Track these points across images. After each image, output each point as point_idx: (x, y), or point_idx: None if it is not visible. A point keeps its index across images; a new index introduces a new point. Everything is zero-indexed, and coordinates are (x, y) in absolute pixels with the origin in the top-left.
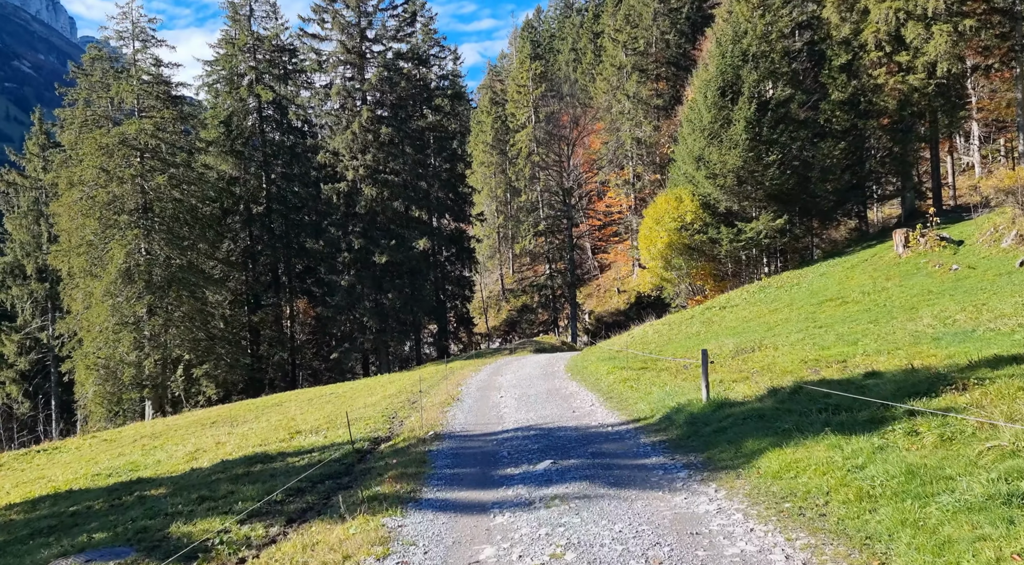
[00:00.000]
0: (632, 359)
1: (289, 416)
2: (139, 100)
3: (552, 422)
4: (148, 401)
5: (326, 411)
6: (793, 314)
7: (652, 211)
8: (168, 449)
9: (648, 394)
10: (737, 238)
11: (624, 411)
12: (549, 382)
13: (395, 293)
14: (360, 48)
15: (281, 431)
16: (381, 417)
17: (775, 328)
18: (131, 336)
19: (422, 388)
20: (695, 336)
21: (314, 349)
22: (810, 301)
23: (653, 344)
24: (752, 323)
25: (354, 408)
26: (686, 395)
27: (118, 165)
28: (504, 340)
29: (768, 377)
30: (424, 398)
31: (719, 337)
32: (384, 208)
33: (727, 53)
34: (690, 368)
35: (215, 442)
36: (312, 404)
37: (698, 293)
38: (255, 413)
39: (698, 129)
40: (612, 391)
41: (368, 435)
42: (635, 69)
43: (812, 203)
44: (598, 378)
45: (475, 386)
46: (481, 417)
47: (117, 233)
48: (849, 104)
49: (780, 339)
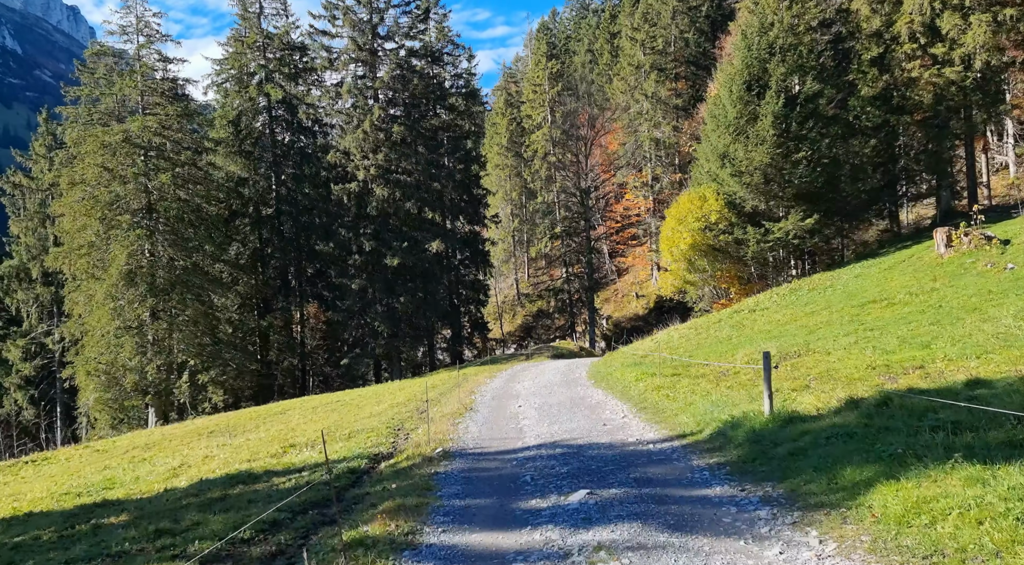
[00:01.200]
0: (661, 365)
1: (290, 426)
2: (143, 97)
3: (581, 437)
4: (151, 408)
5: (330, 420)
6: (834, 317)
7: (674, 211)
8: (156, 462)
9: (690, 404)
10: (764, 238)
11: (664, 424)
12: (571, 390)
13: (407, 297)
14: (372, 45)
15: (275, 444)
16: (385, 429)
17: (816, 331)
18: (133, 341)
19: (433, 396)
20: (726, 340)
21: (326, 355)
22: (849, 303)
23: (681, 349)
24: (788, 326)
25: (359, 418)
26: (738, 406)
27: (120, 163)
28: (519, 346)
29: (832, 385)
30: (434, 407)
31: (754, 341)
32: (396, 209)
33: (753, 45)
34: (729, 374)
35: (204, 455)
36: (316, 413)
37: (723, 296)
38: (256, 422)
39: (723, 125)
40: (645, 400)
41: (367, 451)
42: (653, 68)
43: (842, 203)
44: (626, 385)
45: (490, 394)
46: (497, 430)
47: (119, 234)
48: (881, 99)
49: (827, 343)
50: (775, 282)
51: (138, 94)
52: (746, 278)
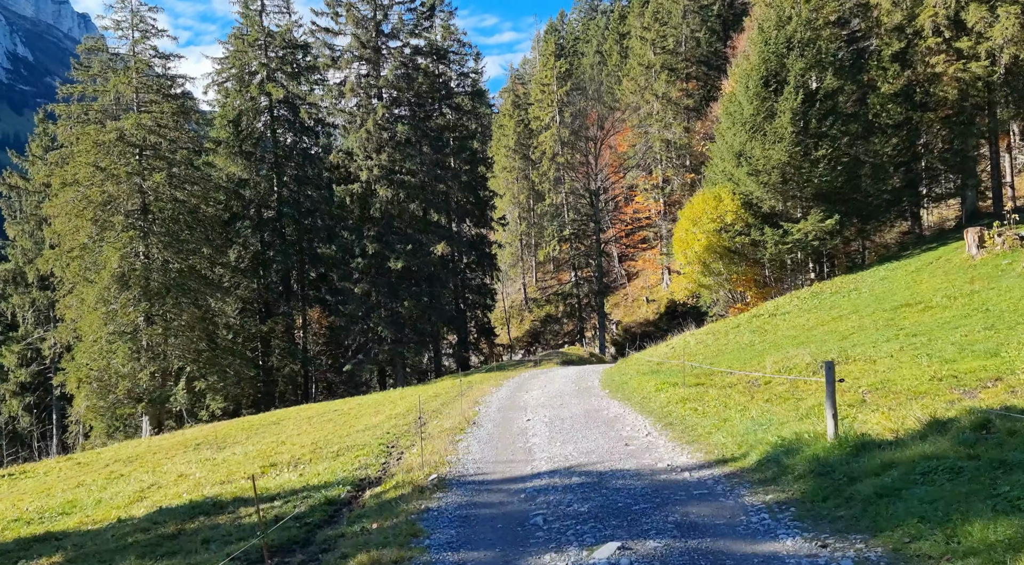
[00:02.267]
0: (682, 373)
1: (280, 439)
2: (138, 94)
3: (601, 461)
4: (146, 417)
5: (323, 433)
6: (865, 321)
7: (688, 212)
8: (131, 479)
9: (725, 421)
10: (783, 240)
11: (697, 446)
12: (585, 400)
13: (411, 301)
14: (376, 43)
15: (257, 462)
16: (377, 445)
17: (849, 337)
18: (126, 346)
19: (435, 406)
20: (748, 346)
21: (329, 361)
22: (880, 307)
23: (700, 356)
24: (815, 332)
25: (353, 430)
26: (786, 425)
27: (114, 163)
28: (527, 351)
29: (896, 399)
30: (434, 420)
31: (780, 347)
32: (400, 211)
33: (770, 40)
34: (761, 385)
35: (179, 474)
36: (311, 423)
37: (739, 300)
38: (248, 433)
39: (738, 122)
40: (670, 415)
41: (353, 474)
42: (664, 68)
43: (863, 203)
44: (646, 396)
45: (496, 405)
46: (503, 450)
47: (112, 235)
48: (902, 96)
49: (866, 349)
50: (793, 285)
51: (133, 91)
52: (762, 281)
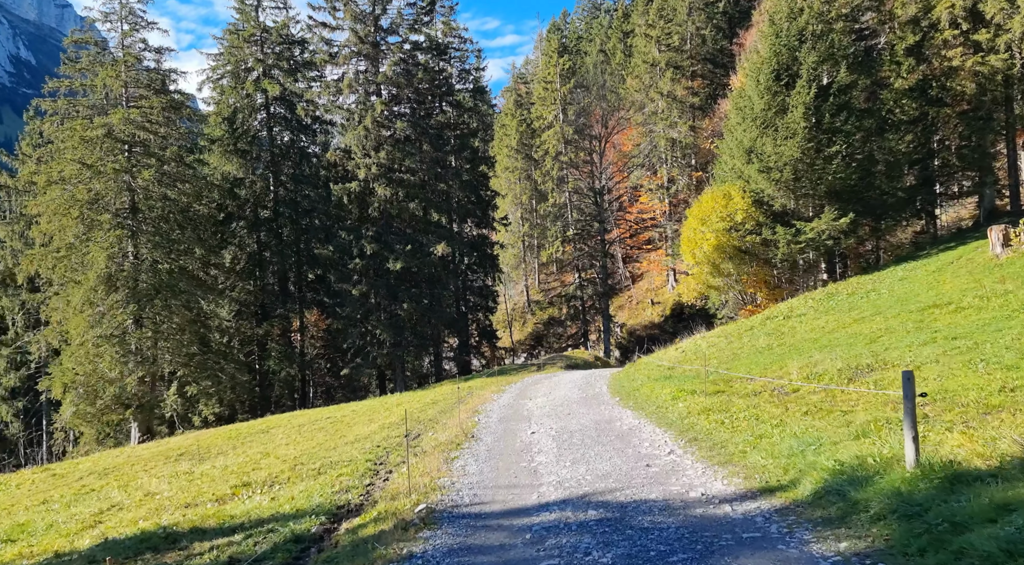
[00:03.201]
0: (697, 379)
1: (265, 450)
2: (127, 88)
3: (620, 487)
4: (135, 423)
5: (310, 444)
6: (892, 323)
7: (696, 210)
8: (101, 496)
9: (761, 438)
10: (795, 239)
11: (731, 468)
12: (594, 409)
13: (411, 303)
14: (374, 38)
15: (232, 479)
16: (364, 462)
17: (878, 340)
18: (113, 349)
19: (432, 414)
20: (766, 350)
21: (328, 364)
22: (905, 308)
23: (714, 360)
24: (836, 335)
25: (342, 442)
26: (843, 446)
27: (100, 159)
28: (530, 355)
29: (961, 414)
30: (430, 431)
31: (801, 352)
32: (400, 211)
33: (782, 32)
34: (790, 393)
35: (145, 493)
36: (301, 432)
37: (749, 302)
38: (234, 442)
39: (749, 118)
40: (692, 428)
41: (331, 499)
42: (669, 66)
43: (877, 201)
44: (662, 405)
45: (497, 414)
46: (504, 471)
47: (99, 235)
48: (917, 91)
49: (902, 354)
50: (805, 287)
51: (121, 85)
52: (773, 282)
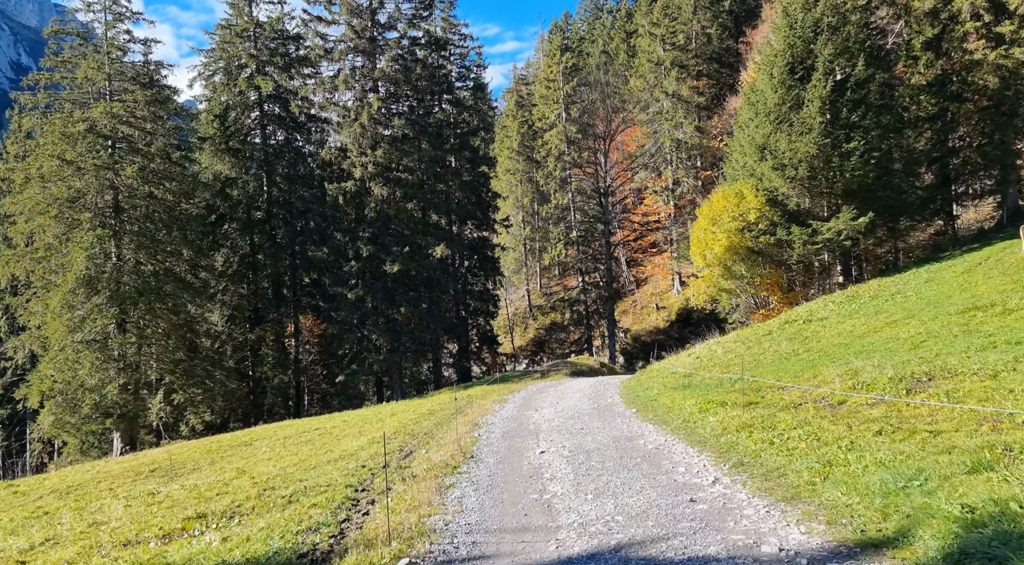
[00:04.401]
0: (722, 388)
1: (241, 467)
2: (110, 81)
3: (664, 536)
4: (116, 433)
5: (291, 461)
6: (933, 327)
7: (706, 210)
8: (53, 521)
9: (832, 464)
10: (812, 240)
11: (803, 506)
12: (609, 423)
13: (409, 307)
14: (371, 33)
15: (188, 508)
16: (344, 487)
17: (921, 345)
18: (93, 356)
19: (427, 427)
20: (791, 356)
21: (324, 371)
22: (941, 311)
23: (734, 366)
24: (870, 340)
25: (325, 459)
26: (963, 485)
27: (80, 154)
28: (532, 361)
29: None
30: (423, 448)
31: (834, 358)
32: (397, 211)
33: (796, 23)
34: (836, 406)
35: (90, 523)
36: (285, 446)
37: (762, 306)
38: (213, 456)
39: (762, 113)
40: (733, 448)
41: (295, 542)
42: (674, 65)
43: (896, 200)
44: (688, 419)
45: (499, 428)
46: (509, 507)
47: (79, 235)
48: (936, 86)
49: (961, 361)
50: (821, 289)
51: (104, 78)
52: (787, 285)
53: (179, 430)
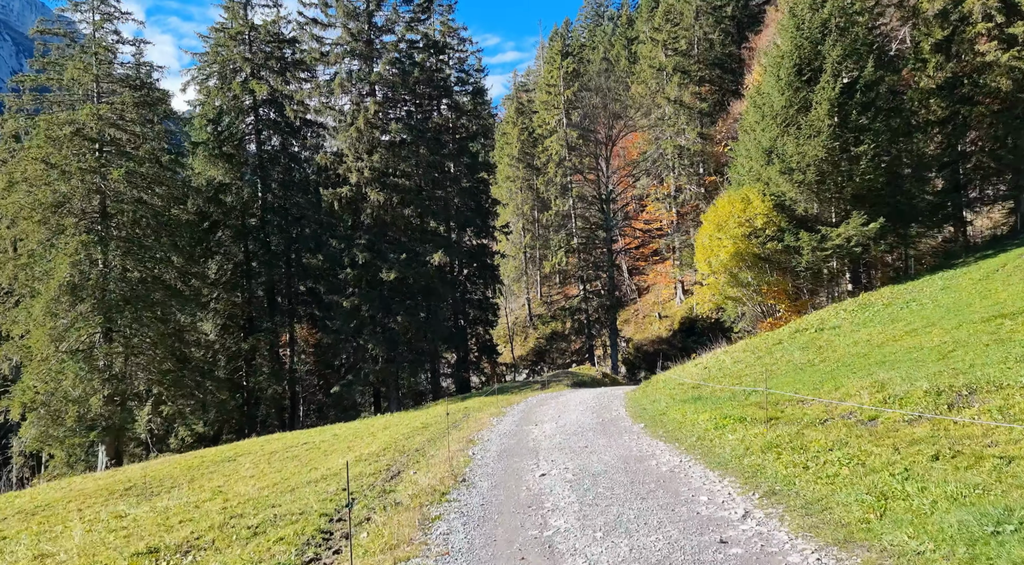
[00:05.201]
0: (735, 401)
1: (219, 486)
2: (98, 82)
3: None
4: (102, 446)
5: (271, 480)
6: (959, 335)
7: (712, 216)
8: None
9: (888, 497)
10: (821, 246)
11: (864, 554)
12: (616, 440)
13: (406, 316)
14: (368, 36)
15: (145, 538)
16: (319, 516)
17: (950, 355)
18: (76, 366)
19: (419, 444)
20: (807, 366)
21: (320, 381)
22: (964, 319)
23: (746, 377)
24: (890, 349)
25: (305, 480)
26: None
27: (65, 158)
28: (532, 371)
29: None
30: (411, 468)
31: (855, 369)
32: (394, 217)
33: (803, 24)
34: (868, 422)
35: (36, 554)
36: (270, 462)
37: (769, 314)
38: (192, 473)
39: (768, 116)
40: (761, 473)
41: None
42: (676, 71)
43: (906, 206)
44: (703, 437)
45: (496, 445)
46: (503, 547)
47: (63, 240)
48: (946, 89)
49: (1003, 372)
50: (830, 297)
51: (91, 79)
52: (795, 293)
53: (169, 443)
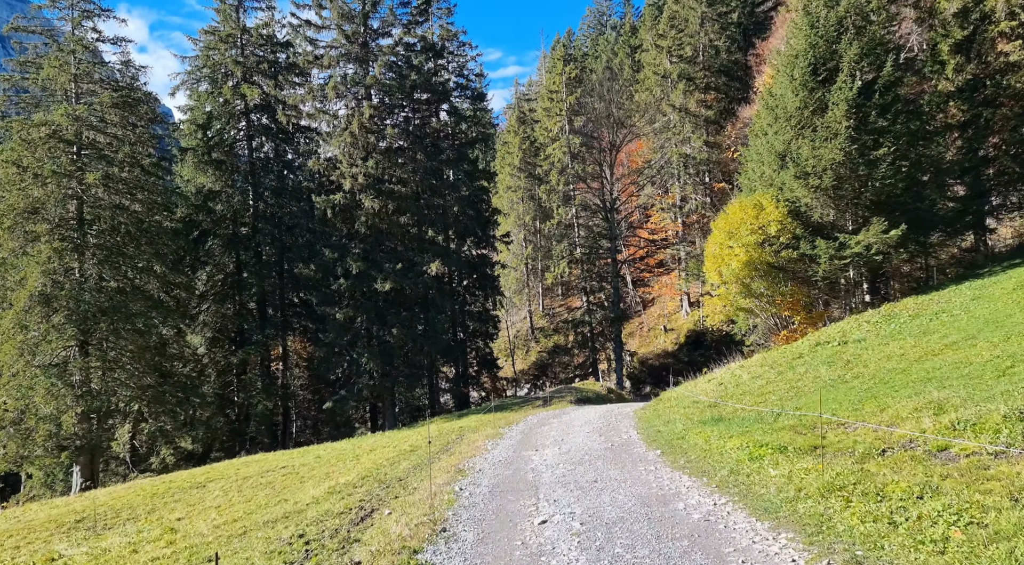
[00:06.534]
0: (763, 423)
1: (173, 521)
2: (76, 82)
3: None
4: (76, 467)
5: (239, 511)
6: (1011, 349)
7: (723, 223)
8: None
9: None
10: (839, 254)
11: None
12: (630, 472)
13: (402, 329)
14: (364, 38)
15: None
16: None
17: (1009, 372)
18: (48, 381)
19: (401, 471)
20: (839, 382)
21: (315, 396)
22: (1010, 331)
23: (770, 395)
24: (931, 364)
25: (271, 516)
26: None
27: (39, 160)
28: (534, 386)
29: None
30: (384, 508)
31: (896, 386)
32: (390, 225)
33: (818, 22)
34: (934, 452)
35: None
36: (241, 489)
37: (784, 326)
38: (154, 502)
39: (782, 118)
40: (827, 527)
41: None
42: (681, 77)
43: (927, 213)
44: (737, 470)
45: (488, 478)
46: None
47: (36, 248)
48: (967, 91)
49: None
50: (848, 308)
51: (68, 78)
52: (810, 304)
53: (151, 463)
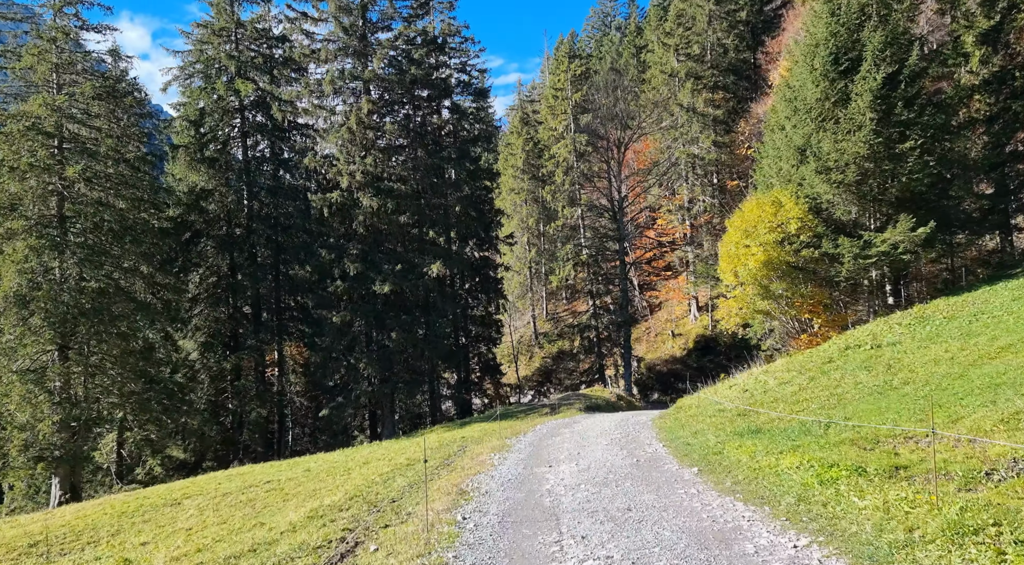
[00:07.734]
0: (812, 436)
1: (141, 541)
2: (57, 72)
3: None
4: (55, 479)
5: (208, 537)
6: None
7: (739, 221)
8: None
9: None
10: (863, 253)
11: None
12: (667, 497)
13: (401, 333)
14: (362, 31)
15: None
16: None
17: None
18: (24, 388)
19: (395, 491)
20: (886, 389)
21: (312, 403)
22: None
23: (807, 403)
24: (988, 369)
25: (234, 552)
26: None
27: (16, 154)
28: (538, 392)
29: None
30: (370, 541)
31: (958, 394)
32: (389, 225)
33: (839, 9)
34: None
35: None
36: (218, 509)
37: (804, 329)
38: (120, 523)
39: (801, 110)
40: None
41: None
42: (689, 76)
43: (954, 211)
44: (806, 498)
45: (496, 502)
46: None
47: (11, 245)
48: (995, 83)
49: None
50: (872, 311)
51: (49, 68)
52: (830, 306)
53: (137, 474)
